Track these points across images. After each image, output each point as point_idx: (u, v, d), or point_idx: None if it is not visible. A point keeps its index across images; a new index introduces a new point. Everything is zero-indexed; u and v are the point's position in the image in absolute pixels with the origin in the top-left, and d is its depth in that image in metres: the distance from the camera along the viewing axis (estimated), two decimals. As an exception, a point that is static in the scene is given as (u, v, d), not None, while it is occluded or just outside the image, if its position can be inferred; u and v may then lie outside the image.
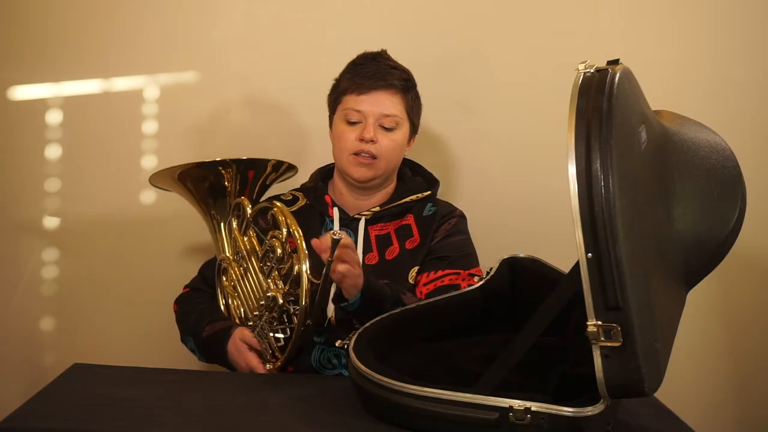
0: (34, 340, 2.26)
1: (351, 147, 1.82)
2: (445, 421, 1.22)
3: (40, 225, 2.24)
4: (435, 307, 1.61)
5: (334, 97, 1.89)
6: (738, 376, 2.35)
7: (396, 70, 1.85)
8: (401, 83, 1.84)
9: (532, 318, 1.35)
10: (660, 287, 1.22)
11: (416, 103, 1.89)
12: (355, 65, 1.86)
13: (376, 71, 1.82)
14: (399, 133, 1.85)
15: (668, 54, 2.25)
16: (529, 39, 2.25)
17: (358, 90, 1.82)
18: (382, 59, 1.86)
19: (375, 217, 1.87)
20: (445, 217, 1.89)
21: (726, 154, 1.34)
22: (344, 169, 1.85)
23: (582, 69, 1.19)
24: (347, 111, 1.83)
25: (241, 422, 1.28)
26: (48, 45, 2.21)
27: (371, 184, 1.87)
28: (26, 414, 1.27)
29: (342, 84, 1.86)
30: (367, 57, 1.87)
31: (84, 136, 2.23)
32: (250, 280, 1.73)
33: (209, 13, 2.24)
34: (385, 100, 1.82)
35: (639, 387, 1.12)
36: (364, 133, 1.80)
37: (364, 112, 1.81)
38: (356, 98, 1.82)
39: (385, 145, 1.82)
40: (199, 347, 1.79)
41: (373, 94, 1.81)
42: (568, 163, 1.11)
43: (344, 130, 1.83)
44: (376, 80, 1.81)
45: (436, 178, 1.97)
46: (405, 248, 1.85)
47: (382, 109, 1.82)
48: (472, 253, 1.89)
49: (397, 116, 1.83)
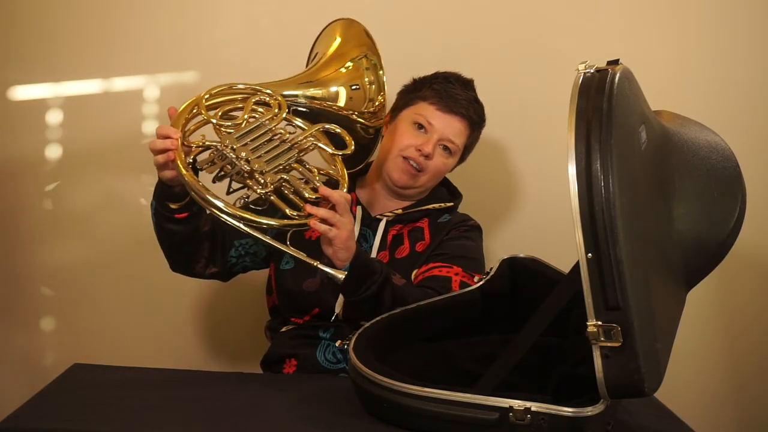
0: (34, 340, 2.26)
1: (406, 150, 1.83)
2: (445, 421, 1.22)
3: (40, 224, 2.24)
4: (435, 307, 1.61)
5: (410, 96, 1.89)
6: (738, 376, 2.35)
7: (477, 105, 1.89)
8: (477, 119, 1.88)
9: (532, 318, 1.35)
10: (660, 287, 1.22)
11: (475, 142, 1.93)
12: (447, 81, 1.87)
13: (464, 98, 1.85)
14: (452, 159, 1.88)
15: (668, 54, 2.25)
16: (529, 39, 2.25)
17: (438, 105, 1.84)
18: (471, 89, 1.90)
19: (395, 219, 1.87)
20: (458, 224, 1.89)
21: (726, 154, 1.34)
22: (388, 167, 1.85)
23: (582, 69, 1.19)
24: (420, 117, 1.84)
25: (241, 422, 1.28)
26: (48, 45, 2.21)
27: (406, 192, 1.87)
28: (26, 414, 1.27)
29: (425, 91, 1.87)
30: (459, 80, 1.89)
31: (84, 136, 2.23)
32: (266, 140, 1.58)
33: (209, 13, 2.24)
34: (456, 127, 1.85)
35: (639, 387, 1.12)
36: (424, 147, 1.81)
37: (434, 126, 1.83)
38: (434, 111, 1.84)
39: (435, 164, 1.84)
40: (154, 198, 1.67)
41: (451, 117, 1.84)
42: (568, 163, 1.12)
43: (408, 131, 1.84)
44: (459, 105, 1.84)
45: (459, 191, 1.98)
46: (415, 250, 1.85)
47: (451, 133, 1.84)
48: (478, 259, 1.87)
49: (458, 145, 1.86)
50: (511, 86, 2.26)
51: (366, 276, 1.58)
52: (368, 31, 1.78)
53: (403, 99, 1.91)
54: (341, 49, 1.82)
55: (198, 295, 2.25)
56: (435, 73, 1.90)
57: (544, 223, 2.22)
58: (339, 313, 1.73)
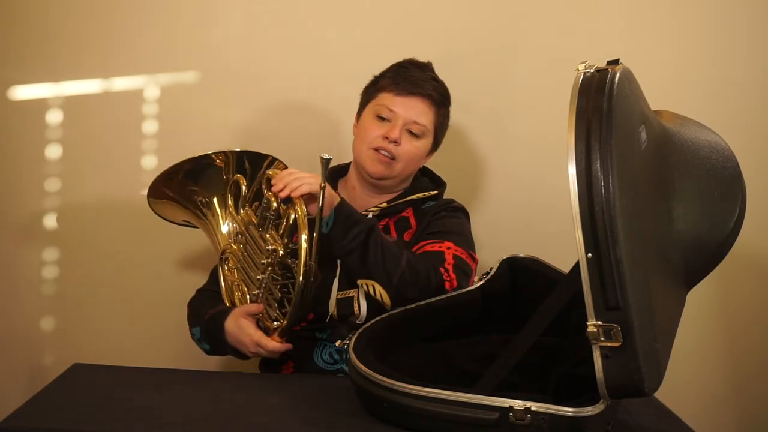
0: (34, 340, 2.26)
1: (374, 142, 1.83)
2: (445, 421, 1.22)
3: (40, 224, 2.24)
4: (435, 307, 1.61)
5: (371, 91, 1.90)
6: (738, 376, 2.35)
7: (436, 82, 1.88)
8: (438, 96, 1.87)
9: (532, 318, 1.35)
10: (660, 287, 1.22)
11: (445, 120, 1.92)
12: (400, 67, 1.88)
13: (419, 78, 1.85)
14: (422, 142, 1.86)
15: (668, 54, 2.25)
16: (529, 39, 2.25)
17: (396, 90, 1.84)
18: (427, 69, 1.89)
19: (381, 214, 1.87)
20: (443, 206, 1.90)
21: (726, 154, 1.34)
22: (362, 162, 1.86)
23: (582, 69, 1.19)
24: (379, 107, 1.85)
25: (241, 422, 1.28)
26: (48, 44, 2.21)
27: (384, 183, 1.88)
28: (26, 414, 1.27)
29: (382, 81, 1.88)
30: (414, 63, 1.90)
31: (84, 135, 2.23)
32: (249, 250, 1.72)
33: (209, 13, 2.24)
34: (418, 107, 1.84)
35: (639, 387, 1.12)
36: (390, 133, 1.82)
37: (396, 113, 1.83)
38: (392, 98, 1.84)
39: (406, 150, 1.84)
40: (203, 335, 1.77)
41: (410, 98, 1.84)
42: (568, 163, 1.11)
43: (372, 124, 1.85)
44: (416, 86, 1.84)
45: (443, 180, 1.98)
46: (403, 239, 1.85)
47: (414, 115, 1.83)
48: (468, 236, 1.86)
49: (425, 126, 1.85)
50: (511, 86, 2.26)
51: (352, 223, 1.63)
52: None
53: (365, 97, 1.92)
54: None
55: (198, 295, 2.25)
56: (392, 65, 1.90)
57: (544, 223, 2.22)
58: (333, 313, 1.74)
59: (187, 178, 1.80)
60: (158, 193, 1.82)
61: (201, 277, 2.02)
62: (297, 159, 1.95)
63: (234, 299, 1.78)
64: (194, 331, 1.81)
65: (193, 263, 2.21)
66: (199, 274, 2.21)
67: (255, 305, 1.68)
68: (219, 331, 1.70)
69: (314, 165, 1.99)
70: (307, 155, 2.16)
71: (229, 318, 1.70)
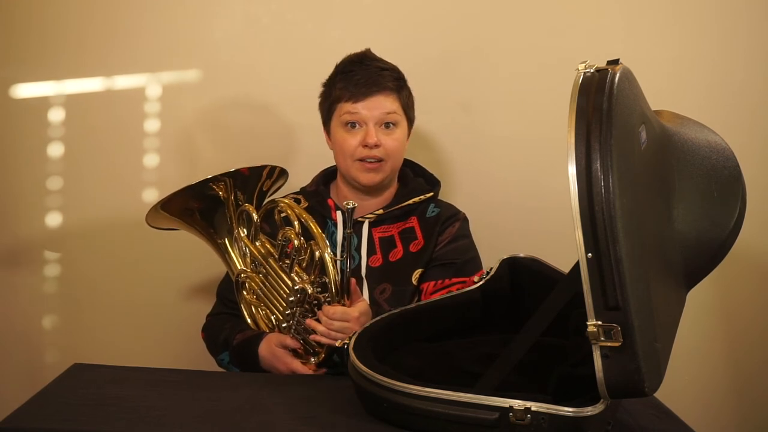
0: (34, 340, 2.26)
1: (356, 153, 1.82)
2: (445, 421, 1.22)
3: (41, 223, 2.24)
4: (435, 307, 1.61)
5: (327, 105, 1.88)
6: (738, 376, 2.35)
7: (386, 70, 1.85)
8: (394, 84, 1.84)
9: (532, 318, 1.35)
10: (660, 287, 1.22)
11: (410, 99, 1.90)
12: (344, 73, 1.85)
13: (368, 76, 1.82)
14: (399, 131, 1.85)
15: (668, 54, 2.25)
16: (529, 39, 2.25)
17: (353, 98, 1.81)
18: (370, 61, 1.85)
19: (378, 220, 1.87)
20: (448, 220, 1.89)
21: (726, 154, 1.34)
22: (352, 175, 1.85)
23: (582, 69, 1.19)
24: (345, 116, 1.83)
25: (241, 422, 1.28)
26: (50, 43, 2.21)
27: (379, 186, 1.87)
28: (26, 414, 1.27)
29: (335, 92, 1.85)
30: (354, 61, 1.86)
31: (86, 134, 2.23)
32: (272, 282, 1.72)
33: (211, 12, 2.24)
34: (382, 103, 1.82)
35: (639, 387, 1.12)
36: (367, 139, 1.80)
37: (363, 115, 1.81)
38: (353, 105, 1.82)
39: (389, 146, 1.83)
40: (233, 359, 1.78)
41: (370, 99, 1.81)
42: (568, 163, 1.11)
43: (345, 137, 1.83)
44: (370, 86, 1.81)
45: (437, 178, 1.97)
46: (409, 251, 1.85)
47: (380, 111, 1.82)
48: (476, 256, 1.90)
49: (395, 113, 1.84)
50: (511, 86, 2.26)
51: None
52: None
53: (325, 110, 1.90)
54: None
55: (198, 295, 2.25)
56: (335, 70, 1.88)
57: (544, 223, 2.22)
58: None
59: (188, 207, 1.80)
60: (161, 223, 1.83)
61: (201, 278, 2.02)
62: (297, 159, 1.96)
63: (257, 320, 1.79)
64: (222, 357, 1.81)
65: (193, 263, 2.21)
66: (199, 274, 2.21)
67: (292, 341, 1.68)
68: (252, 357, 1.72)
69: (314, 164, 2.01)
70: (308, 155, 2.18)
71: (262, 344, 1.71)
